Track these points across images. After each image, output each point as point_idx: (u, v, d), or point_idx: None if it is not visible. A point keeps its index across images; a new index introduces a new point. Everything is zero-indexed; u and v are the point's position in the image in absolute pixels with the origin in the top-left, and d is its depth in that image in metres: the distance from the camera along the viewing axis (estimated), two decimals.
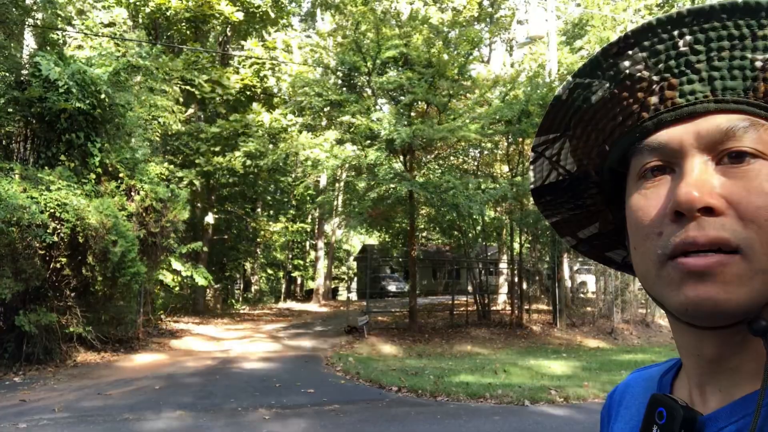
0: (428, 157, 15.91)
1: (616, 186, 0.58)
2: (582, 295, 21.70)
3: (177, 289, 17.65)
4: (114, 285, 10.19)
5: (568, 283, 19.00)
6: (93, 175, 10.26)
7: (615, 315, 16.41)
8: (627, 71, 0.51)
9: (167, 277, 14.61)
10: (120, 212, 10.09)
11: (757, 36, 0.46)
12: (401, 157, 14.84)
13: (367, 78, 14.60)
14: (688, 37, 0.48)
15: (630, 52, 0.51)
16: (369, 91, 15.28)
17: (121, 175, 10.89)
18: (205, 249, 18.72)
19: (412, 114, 14.84)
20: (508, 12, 23.48)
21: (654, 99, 0.51)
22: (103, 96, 10.27)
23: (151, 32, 18.72)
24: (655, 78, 0.50)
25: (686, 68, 0.49)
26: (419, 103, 14.83)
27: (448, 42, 15.34)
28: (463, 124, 13.16)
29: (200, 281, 16.06)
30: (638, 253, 0.52)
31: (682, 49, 0.49)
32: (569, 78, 0.55)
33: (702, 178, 0.46)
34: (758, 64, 0.47)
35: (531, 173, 0.62)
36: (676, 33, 0.49)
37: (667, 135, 0.49)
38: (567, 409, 7.11)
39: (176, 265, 14.36)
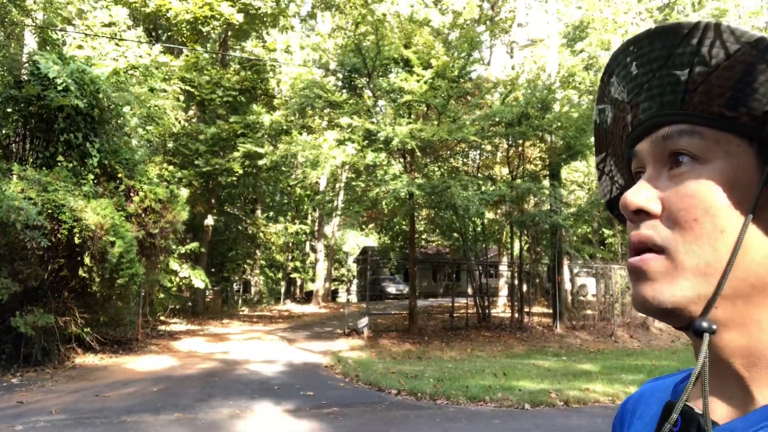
0: (426, 160, 15.86)
1: None
2: (582, 298, 21.68)
3: (175, 290, 17.62)
4: (112, 286, 10.12)
5: (568, 286, 18.96)
6: (91, 176, 10.19)
7: (615, 318, 16.38)
8: (613, 96, 0.59)
9: (165, 278, 14.56)
10: (118, 213, 10.03)
11: (674, 54, 0.51)
12: (401, 159, 14.80)
13: (367, 79, 14.57)
14: (635, 62, 0.55)
15: (612, 80, 0.58)
16: (369, 93, 15.24)
17: (119, 175, 10.82)
18: (203, 250, 18.68)
19: (412, 117, 14.79)
20: (509, 14, 23.42)
21: (629, 117, 0.57)
22: (101, 96, 10.22)
23: (151, 33, 18.71)
24: (626, 99, 0.57)
25: (640, 89, 0.55)
26: (419, 105, 14.78)
27: (448, 44, 15.30)
28: (462, 125, 13.11)
29: (197, 283, 16.04)
30: None
31: (634, 72, 0.55)
32: (596, 105, 0.64)
33: (645, 183, 0.52)
34: (683, 78, 0.51)
35: (599, 189, 0.69)
36: (628, 59, 0.55)
37: (638, 147, 0.56)
38: (567, 413, 7.07)
39: (175, 266, 14.31)
